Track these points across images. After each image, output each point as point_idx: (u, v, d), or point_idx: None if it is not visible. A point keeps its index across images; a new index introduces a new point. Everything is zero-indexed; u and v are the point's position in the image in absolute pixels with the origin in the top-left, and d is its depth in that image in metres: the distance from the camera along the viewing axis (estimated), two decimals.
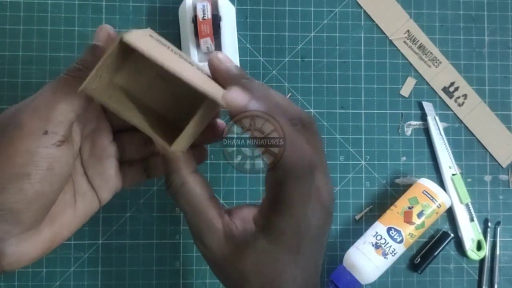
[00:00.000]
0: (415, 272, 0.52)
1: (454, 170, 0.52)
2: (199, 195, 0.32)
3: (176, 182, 0.32)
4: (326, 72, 0.52)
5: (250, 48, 0.52)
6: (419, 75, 0.53)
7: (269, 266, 0.31)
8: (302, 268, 0.32)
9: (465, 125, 0.53)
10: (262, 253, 0.31)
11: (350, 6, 0.53)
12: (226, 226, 0.32)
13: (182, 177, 0.32)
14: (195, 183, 0.32)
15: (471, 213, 0.52)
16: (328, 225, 0.33)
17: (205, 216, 0.32)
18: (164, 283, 0.50)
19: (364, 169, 0.52)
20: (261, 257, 0.31)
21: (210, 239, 0.32)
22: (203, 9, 0.44)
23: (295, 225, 0.30)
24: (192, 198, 0.32)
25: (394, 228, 0.48)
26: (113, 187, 0.36)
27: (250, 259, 0.31)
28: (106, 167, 0.36)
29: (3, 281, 0.48)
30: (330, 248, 0.51)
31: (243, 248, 0.31)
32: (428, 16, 0.53)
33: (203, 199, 0.32)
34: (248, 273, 0.31)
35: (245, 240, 0.31)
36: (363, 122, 0.52)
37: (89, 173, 0.35)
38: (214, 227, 0.32)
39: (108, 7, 0.50)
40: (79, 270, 0.49)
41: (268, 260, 0.31)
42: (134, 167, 0.38)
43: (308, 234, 0.31)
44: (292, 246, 0.31)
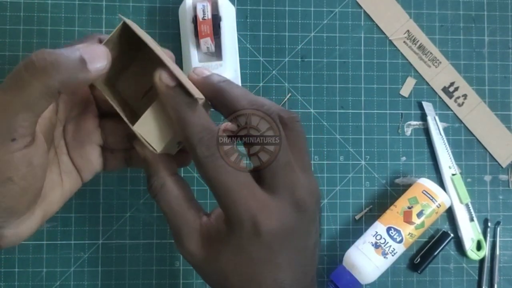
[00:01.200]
0: (415, 272, 0.52)
1: (454, 170, 0.52)
2: (178, 197, 0.33)
3: (155, 184, 0.33)
4: (326, 72, 0.52)
5: (250, 48, 0.52)
6: (419, 75, 0.53)
7: (245, 265, 0.31)
8: (283, 270, 0.31)
9: (465, 125, 0.53)
10: (236, 251, 0.31)
11: (350, 6, 0.53)
12: (204, 227, 0.32)
13: (161, 179, 0.33)
14: (174, 185, 0.33)
15: (471, 213, 0.52)
16: (306, 224, 0.32)
17: (183, 218, 0.33)
18: (164, 283, 0.50)
19: (364, 169, 0.52)
20: (235, 256, 0.31)
21: (189, 241, 0.32)
22: (203, 9, 0.44)
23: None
24: (171, 200, 0.33)
25: (394, 228, 0.48)
26: (93, 169, 0.37)
27: (226, 258, 0.31)
28: (89, 151, 0.36)
29: (3, 281, 0.48)
30: (330, 248, 0.51)
31: (219, 247, 0.31)
32: (428, 16, 0.53)
33: (182, 201, 0.33)
34: (227, 272, 0.31)
35: (220, 239, 0.31)
36: (363, 122, 0.52)
37: (71, 154, 0.36)
38: (192, 228, 0.32)
39: (108, 7, 0.50)
40: (79, 270, 0.49)
41: (243, 259, 0.31)
42: (116, 155, 0.38)
43: (280, 233, 0.31)
44: (262, 245, 0.30)
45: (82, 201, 0.49)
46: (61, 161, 0.35)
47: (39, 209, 0.33)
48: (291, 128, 0.32)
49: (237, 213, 0.30)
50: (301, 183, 0.31)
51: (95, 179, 0.49)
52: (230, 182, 0.30)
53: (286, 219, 0.31)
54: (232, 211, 0.30)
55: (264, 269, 0.31)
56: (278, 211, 0.30)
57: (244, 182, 0.30)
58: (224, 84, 0.32)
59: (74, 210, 0.49)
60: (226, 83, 0.32)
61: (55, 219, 0.49)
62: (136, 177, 0.50)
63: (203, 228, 0.32)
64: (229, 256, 0.31)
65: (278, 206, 0.31)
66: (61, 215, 0.49)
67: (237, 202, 0.30)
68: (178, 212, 0.33)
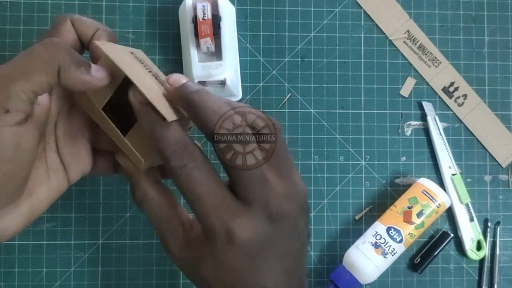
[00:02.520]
0: (415, 272, 0.52)
1: (454, 170, 0.52)
2: (161, 205, 0.34)
3: (138, 194, 0.34)
4: (326, 72, 0.52)
5: (250, 48, 0.52)
6: (419, 75, 0.53)
7: (225, 272, 0.31)
8: (265, 275, 0.31)
9: (465, 125, 0.53)
10: (214, 259, 0.31)
11: (350, 6, 0.53)
12: (186, 234, 0.33)
13: (143, 189, 0.34)
14: (156, 193, 0.34)
15: (471, 213, 0.52)
16: (285, 232, 0.31)
17: (166, 225, 0.34)
18: (164, 283, 0.50)
19: (364, 169, 0.52)
20: (215, 264, 0.31)
21: (173, 247, 0.33)
22: (203, 9, 0.44)
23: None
24: (154, 208, 0.34)
25: (394, 227, 0.48)
26: (82, 169, 0.36)
27: (206, 266, 0.31)
28: (79, 148, 0.36)
29: (3, 281, 0.48)
30: (330, 248, 0.51)
31: (200, 255, 0.32)
32: (428, 16, 0.53)
33: (164, 209, 0.34)
34: (208, 279, 0.31)
35: (200, 247, 0.32)
36: (363, 122, 0.52)
37: (61, 151, 0.35)
38: (175, 235, 0.33)
39: (108, 7, 0.50)
40: (79, 270, 0.49)
41: (222, 267, 0.31)
42: (105, 158, 0.37)
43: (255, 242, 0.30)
44: (239, 253, 0.30)
45: (82, 201, 0.49)
46: (49, 157, 0.35)
47: (25, 204, 0.32)
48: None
49: (210, 222, 0.30)
50: (276, 194, 0.31)
51: (95, 179, 0.49)
52: (203, 193, 0.30)
53: (260, 229, 0.30)
54: (206, 221, 0.31)
55: (245, 276, 0.31)
56: (251, 222, 0.30)
57: (217, 193, 0.31)
58: (195, 96, 0.31)
59: (74, 210, 0.49)
60: (198, 94, 0.31)
61: (55, 219, 0.49)
62: None
63: (185, 235, 0.33)
64: (209, 264, 0.31)
65: (251, 217, 0.30)
66: (61, 215, 0.49)
67: (210, 211, 0.30)
68: (161, 220, 0.34)
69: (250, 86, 0.51)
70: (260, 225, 0.31)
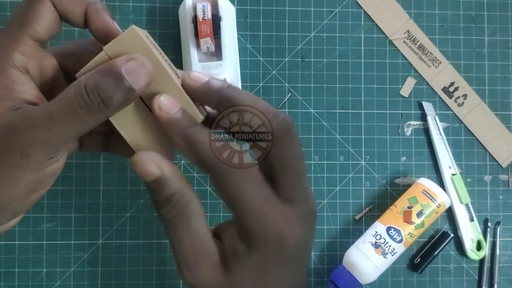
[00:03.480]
0: (415, 272, 0.52)
1: (454, 170, 0.52)
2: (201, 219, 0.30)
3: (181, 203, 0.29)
4: (326, 72, 0.52)
5: (250, 48, 0.52)
6: (419, 75, 0.53)
7: (263, 282, 0.30)
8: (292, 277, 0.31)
9: (465, 125, 0.53)
10: (257, 270, 0.29)
11: (350, 6, 0.53)
12: (220, 249, 0.30)
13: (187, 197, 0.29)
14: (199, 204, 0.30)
15: (471, 213, 0.52)
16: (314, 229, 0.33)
17: (202, 244, 0.29)
18: (164, 283, 0.50)
19: (364, 169, 0.52)
20: (256, 275, 0.29)
21: (203, 269, 0.29)
22: (203, 9, 0.44)
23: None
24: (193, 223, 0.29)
25: (394, 227, 0.48)
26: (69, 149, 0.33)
27: (245, 280, 0.29)
28: None
29: (3, 281, 0.48)
30: (330, 248, 0.51)
31: (237, 269, 0.29)
32: (428, 16, 0.53)
33: (202, 221, 0.30)
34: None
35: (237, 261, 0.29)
36: (363, 122, 0.52)
37: None
38: (210, 255, 0.29)
39: (108, 7, 0.50)
40: (79, 270, 0.49)
41: (263, 277, 0.30)
42: (92, 137, 0.35)
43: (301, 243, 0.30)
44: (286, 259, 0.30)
45: (82, 201, 0.49)
46: None
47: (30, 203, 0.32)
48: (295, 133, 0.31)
49: (263, 230, 0.28)
50: (309, 190, 0.31)
51: (95, 179, 0.49)
52: (254, 198, 0.28)
53: (306, 228, 0.31)
54: (257, 229, 0.28)
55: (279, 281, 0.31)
56: (300, 222, 0.30)
57: (266, 197, 0.29)
58: (230, 91, 0.29)
59: (74, 210, 0.49)
60: (231, 90, 0.30)
61: (55, 219, 0.49)
62: (136, 177, 0.50)
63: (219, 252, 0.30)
64: (248, 277, 0.29)
65: (299, 217, 0.30)
66: (61, 215, 0.49)
67: (263, 219, 0.28)
68: (197, 238, 0.29)
69: (250, 86, 0.51)
70: (306, 224, 0.30)
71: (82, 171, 0.49)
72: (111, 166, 0.50)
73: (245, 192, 0.28)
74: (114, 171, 0.50)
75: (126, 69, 0.27)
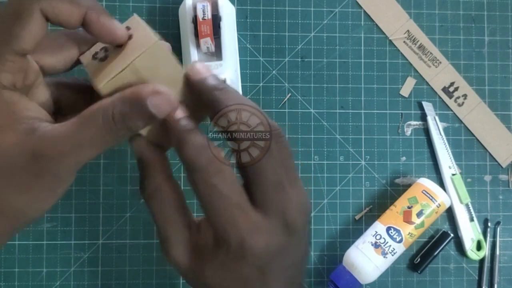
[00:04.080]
0: (415, 272, 0.52)
1: (454, 170, 0.52)
2: (172, 203, 0.32)
3: (150, 187, 0.31)
4: (326, 72, 0.52)
5: (250, 48, 0.52)
6: (419, 75, 0.53)
7: (230, 281, 0.30)
8: (270, 285, 0.31)
9: (465, 125, 0.53)
10: (222, 268, 0.30)
11: (350, 6, 0.53)
12: (193, 237, 0.31)
13: (158, 182, 0.31)
14: (170, 190, 0.32)
15: (471, 213, 0.52)
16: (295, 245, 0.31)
17: (173, 226, 0.31)
18: (164, 283, 0.50)
19: (364, 169, 0.52)
20: (221, 272, 0.30)
21: (176, 250, 0.31)
22: (203, 9, 0.44)
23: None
24: (164, 206, 0.31)
25: (394, 227, 0.48)
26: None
27: (212, 273, 0.30)
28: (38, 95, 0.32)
29: (3, 281, 0.48)
30: (330, 248, 0.51)
31: (205, 261, 0.30)
32: (428, 16, 0.53)
33: (174, 208, 0.31)
34: (213, 285, 0.31)
35: (207, 253, 0.31)
36: (363, 122, 0.52)
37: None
38: (181, 237, 0.31)
39: (108, 7, 0.50)
40: (79, 270, 0.49)
41: (228, 276, 0.30)
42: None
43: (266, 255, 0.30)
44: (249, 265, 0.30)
45: (82, 201, 0.49)
46: None
47: None
48: (278, 142, 0.30)
49: (226, 234, 0.29)
50: (292, 202, 0.30)
51: (95, 179, 0.49)
52: (223, 202, 0.29)
53: (275, 241, 0.30)
54: (221, 231, 0.29)
55: (251, 286, 0.30)
56: (267, 234, 0.30)
57: (237, 202, 0.29)
58: (219, 93, 0.30)
59: (74, 210, 0.49)
60: (222, 92, 0.30)
61: (55, 219, 0.49)
62: (136, 177, 0.50)
63: (191, 239, 0.31)
64: (214, 271, 0.30)
65: (268, 228, 0.30)
66: (61, 215, 0.49)
67: (228, 223, 0.29)
68: (169, 220, 0.31)
69: (250, 86, 0.51)
70: (274, 237, 0.30)
71: (82, 171, 0.49)
72: (111, 166, 0.50)
73: (215, 194, 0.29)
74: (114, 171, 0.50)
75: (152, 101, 0.28)
